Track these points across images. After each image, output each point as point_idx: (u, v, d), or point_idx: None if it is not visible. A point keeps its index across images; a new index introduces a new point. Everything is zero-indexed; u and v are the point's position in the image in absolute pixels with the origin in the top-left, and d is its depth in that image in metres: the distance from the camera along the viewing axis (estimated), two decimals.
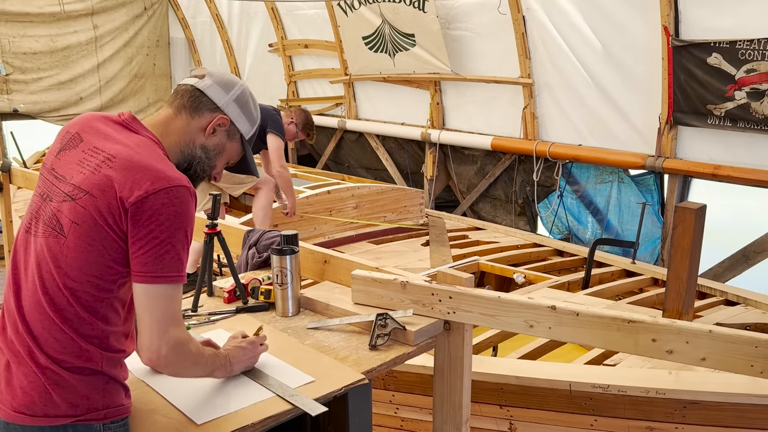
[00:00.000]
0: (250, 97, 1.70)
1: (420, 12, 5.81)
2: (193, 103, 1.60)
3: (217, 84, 1.63)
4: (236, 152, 1.71)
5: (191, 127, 1.61)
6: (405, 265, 4.37)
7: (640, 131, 5.03)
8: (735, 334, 1.66)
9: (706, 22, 4.40)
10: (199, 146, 1.62)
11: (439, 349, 2.04)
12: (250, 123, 1.70)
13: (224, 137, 1.65)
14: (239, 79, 1.72)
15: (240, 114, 1.66)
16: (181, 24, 9.57)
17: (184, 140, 1.60)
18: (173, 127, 1.59)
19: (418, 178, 7.02)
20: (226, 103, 1.63)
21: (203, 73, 1.65)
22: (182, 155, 1.60)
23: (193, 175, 1.63)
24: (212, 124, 1.61)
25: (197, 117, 1.61)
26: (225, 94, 1.63)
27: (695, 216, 2.94)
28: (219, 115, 1.62)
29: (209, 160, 1.65)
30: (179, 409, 1.54)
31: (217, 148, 1.65)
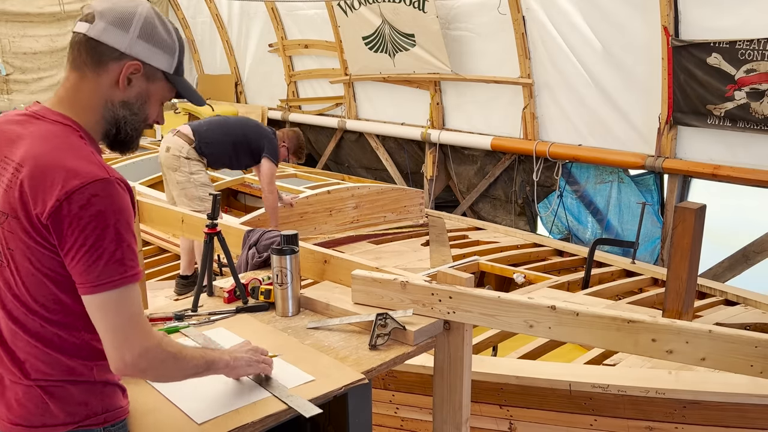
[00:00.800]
0: (157, 22, 1.42)
1: (420, 12, 5.81)
2: (92, 56, 1.36)
3: (112, 25, 1.36)
4: (166, 91, 1.48)
5: (102, 86, 1.38)
6: (405, 265, 4.37)
7: (640, 131, 5.04)
8: (735, 334, 1.66)
9: (706, 22, 4.40)
10: (119, 104, 1.40)
11: (439, 349, 2.04)
12: (168, 54, 1.44)
13: (143, 83, 1.42)
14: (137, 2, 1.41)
15: (151, 50, 1.40)
16: (181, 24, 9.57)
17: (101, 103, 1.39)
18: (83, 94, 1.37)
19: (418, 178, 7.02)
20: (129, 45, 1.37)
21: (91, 13, 1.37)
22: (105, 121, 1.40)
23: (126, 137, 1.44)
24: (123, 75, 1.38)
25: (103, 72, 1.37)
26: (125, 33, 1.37)
27: (695, 216, 2.94)
28: (126, 62, 1.37)
29: (136, 114, 1.43)
30: (179, 408, 1.54)
31: (140, 98, 1.43)
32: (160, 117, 1.51)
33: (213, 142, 4.36)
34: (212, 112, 8.61)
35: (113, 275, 1.28)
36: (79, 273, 1.27)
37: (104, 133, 1.42)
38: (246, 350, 1.66)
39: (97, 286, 1.27)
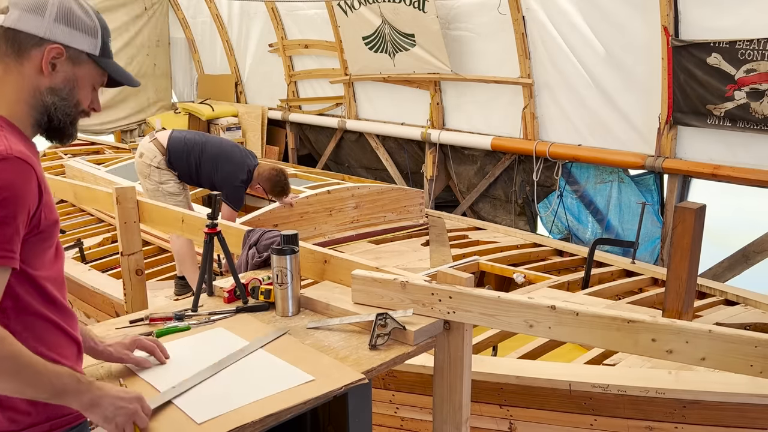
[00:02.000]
0: (73, 4, 1.40)
1: (420, 12, 5.81)
2: (12, 45, 1.34)
3: (25, 12, 1.34)
4: (96, 74, 1.45)
5: (26, 75, 1.36)
6: (405, 265, 4.37)
7: (639, 131, 5.04)
8: (734, 333, 1.66)
9: (706, 22, 4.40)
10: (47, 91, 1.38)
11: (439, 348, 2.04)
12: (90, 35, 1.41)
13: (69, 67, 1.40)
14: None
15: (71, 33, 1.38)
16: (181, 24, 9.58)
17: (28, 93, 1.37)
18: (7, 83, 1.35)
19: (418, 178, 7.02)
20: (47, 29, 1.35)
21: (5, 4, 1.35)
22: (36, 111, 1.38)
23: (59, 124, 1.41)
24: (45, 60, 1.35)
25: (25, 60, 1.35)
26: (41, 18, 1.35)
27: (695, 216, 2.94)
28: (47, 46, 1.35)
29: (66, 100, 1.40)
30: (179, 408, 1.54)
31: (67, 83, 1.40)
32: (96, 103, 1.48)
33: (180, 164, 4.23)
34: (212, 112, 8.65)
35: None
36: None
37: (36, 123, 1.39)
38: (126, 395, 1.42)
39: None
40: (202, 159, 4.28)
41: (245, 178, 4.36)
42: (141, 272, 3.40)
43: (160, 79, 9.75)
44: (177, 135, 4.34)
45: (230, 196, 4.26)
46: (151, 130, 8.43)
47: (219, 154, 4.32)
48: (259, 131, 8.52)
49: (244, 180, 4.36)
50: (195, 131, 4.66)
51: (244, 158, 4.41)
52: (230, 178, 4.29)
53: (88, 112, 1.48)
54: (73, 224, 5.84)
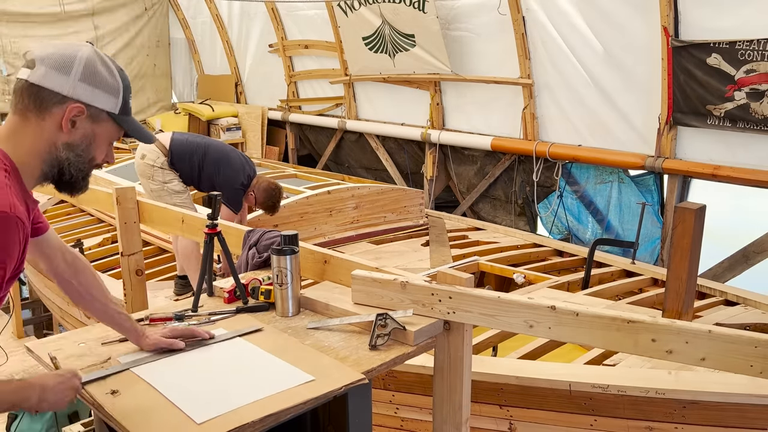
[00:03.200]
0: (99, 64, 1.41)
1: (420, 12, 5.81)
2: (35, 101, 1.36)
3: (52, 69, 1.36)
4: (113, 131, 1.48)
5: (45, 130, 1.38)
6: (405, 265, 4.37)
7: (639, 131, 5.04)
8: (734, 334, 1.66)
9: (706, 23, 4.40)
10: (63, 146, 1.40)
11: (439, 349, 2.04)
12: (112, 94, 1.43)
13: (88, 124, 1.42)
14: (78, 46, 1.41)
15: (94, 92, 1.40)
16: (182, 24, 9.58)
17: (44, 147, 1.39)
18: (24, 135, 1.37)
19: (418, 179, 7.02)
20: (71, 88, 1.37)
21: (32, 59, 1.37)
22: (46, 164, 1.41)
23: (71, 178, 1.44)
24: (66, 118, 1.38)
25: (47, 116, 1.37)
26: (65, 77, 1.37)
27: (695, 216, 2.94)
28: (69, 104, 1.38)
29: (81, 156, 1.43)
30: (179, 408, 1.54)
31: (85, 139, 1.43)
32: (110, 156, 1.51)
33: (182, 166, 4.30)
34: (212, 112, 8.65)
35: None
36: None
37: (43, 175, 1.42)
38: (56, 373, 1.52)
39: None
40: (204, 161, 4.35)
41: (245, 182, 4.42)
42: (141, 272, 3.41)
43: (160, 80, 9.75)
44: (179, 137, 4.40)
45: (230, 199, 4.31)
46: (152, 130, 8.43)
47: (221, 158, 4.39)
48: (259, 131, 8.52)
49: (243, 184, 4.42)
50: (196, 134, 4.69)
51: (244, 164, 4.49)
52: (231, 181, 4.34)
53: (101, 165, 1.52)
54: (73, 224, 5.84)
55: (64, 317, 4.94)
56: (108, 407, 1.54)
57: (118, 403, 1.55)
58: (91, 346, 1.87)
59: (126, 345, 1.88)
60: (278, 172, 6.41)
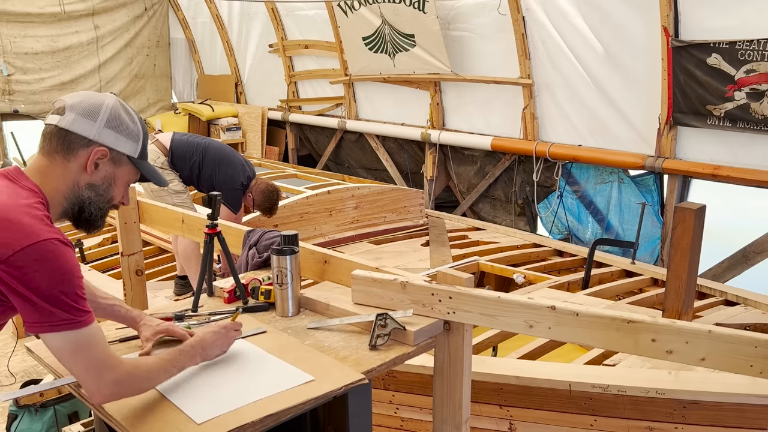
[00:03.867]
0: (122, 112, 1.57)
1: (420, 12, 5.81)
2: (63, 144, 1.50)
3: (81, 115, 1.51)
4: (131, 174, 1.62)
5: (70, 170, 1.51)
6: (405, 265, 4.37)
7: (639, 131, 5.04)
8: (734, 334, 1.66)
9: (706, 23, 4.40)
10: (86, 186, 1.54)
11: (439, 349, 2.04)
12: (133, 139, 1.58)
13: (110, 167, 1.56)
14: (105, 96, 1.58)
15: (117, 137, 1.55)
16: (182, 24, 9.58)
17: (68, 186, 1.52)
18: (52, 175, 1.50)
19: (418, 179, 7.02)
20: (97, 133, 1.52)
21: (62, 106, 1.52)
22: (68, 202, 1.53)
23: (90, 216, 1.57)
24: (91, 160, 1.51)
25: (73, 158, 1.50)
26: (92, 123, 1.51)
27: (695, 216, 2.94)
28: (94, 148, 1.51)
29: (101, 196, 1.57)
30: (179, 408, 1.54)
31: (106, 180, 1.56)
32: (126, 198, 1.65)
33: (183, 166, 4.32)
34: (212, 112, 8.65)
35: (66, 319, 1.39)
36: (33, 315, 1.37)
37: (63, 211, 1.53)
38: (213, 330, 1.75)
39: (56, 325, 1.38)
40: (204, 161, 4.36)
41: (244, 182, 4.43)
42: (141, 272, 3.41)
43: (160, 80, 9.75)
44: (179, 137, 4.41)
45: (230, 199, 4.32)
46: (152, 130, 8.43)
47: (221, 158, 4.40)
48: (259, 132, 8.52)
49: (243, 184, 4.42)
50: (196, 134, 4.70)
51: (244, 165, 4.50)
52: (230, 181, 4.35)
53: (117, 206, 1.66)
54: None
55: None
56: (108, 407, 1.54)
57: (118, 404, 1.55)
58: None
59: (126, 345, 1.88)
60: (278, 172, 6.42)
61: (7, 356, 4.03)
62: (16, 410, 3.16)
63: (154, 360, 1.58)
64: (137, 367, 1.51)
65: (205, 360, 1.71)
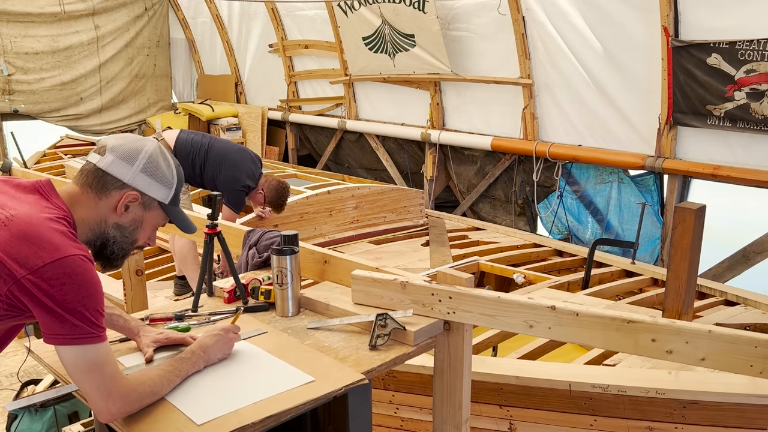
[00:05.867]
0: (160, 159, 1.60)
1: (420, 12, 5.81)
2: (97, 183, 1.54)
3: (119, 158, 1.55)
4: (160, 218, 1.65)
5: (100, 207, 1.54)
6: (405, 265, 4.37)
7: (639, 131, 5.04)
8: (734, 334, 1.66)
9: (706, 23, 4.40)
10: (112, 225, 1.56)
11: (439, 349, 2.04)
12: (166, 187, 1.61)
13: (140, 210, 1.59)
14: (146, 141, 1.62)
15: (151, 183, 1.58)
16: (182, 24, 9.58)
17: (94, 219, 1.54)
18: (81, 204, 1.53)
19: (418, 179, 7.02)
20: (132, 177, 1.55)
21: (104, 146, 1.56)
22: (93, 234, 1.55)
23: (111, 254, 1.59)
24: (122, 202, 1.55)
25: (105, 197, 1.54)
26: (129, 167, 1.55)
27: (695, 216, 2.94)
28: (127, 191, 1.55)
29: (126, 237, 1.59)
30: (179, 409, 1.54)
31: (134, 223, 1.59)
32: (152, 240, 1.68)
33: (185, 166, 4.28)
34: (212, 112, 8.65)
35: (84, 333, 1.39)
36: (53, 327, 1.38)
37: (87, 241, 1.54)
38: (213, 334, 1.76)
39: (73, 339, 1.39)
40: (206, 161, 4.32)
41: (248, 183, 4.38)
42: (141, 272, 3.40)
43: (160, 80, 9.75)
44: (184, 137, 4.37)
45: (231, 200, 4.30)
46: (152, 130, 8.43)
47: (223, 158, 4.35)
48: (259, 132, 8.52)
49: (246, 185, 4.38)
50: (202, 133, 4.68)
51: (250, 165, 4.43)
52: (231, 183, 4.31)
53: (143, 247, 1.68)
54: None
55: None
56: None
57: None
58: None
59: (126, 345, 1.88)
60: (278, 172, 6.42)
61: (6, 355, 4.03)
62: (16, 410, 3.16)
63: (158, 372, 1.58)
64: (142, 383, 1.51)
65: (209, 364, 1.72)
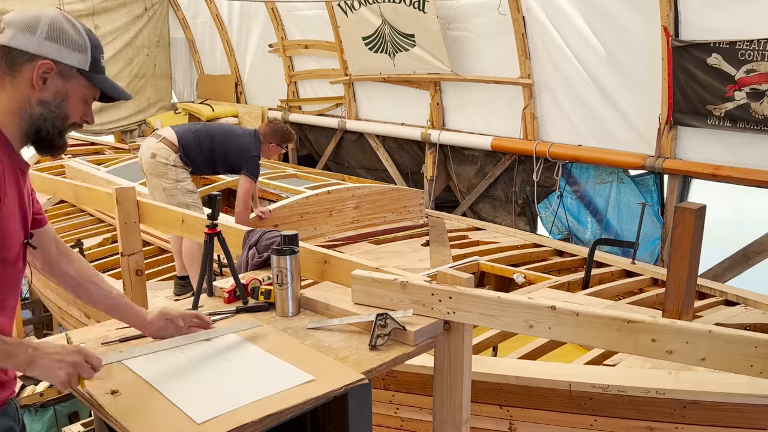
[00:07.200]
0: (65, 23, 1.50)
1: (420, 12, 5.81)
2: (5, 62, 1.45)
3: (18, 30, 1.45)
4: (85, 88, 1.54)
5: (17, 88, 1.46)
6: (405, 265, 4.37)
7: (639, 131, 5.04)
8: (735, 334, 1.66)
9: (706, 23, 4.40)
10: (37, 103, 1.47)
11: (439, 349, 2.04)
12: (79, 51, 1.50)
13: (59, 81, 1.49)
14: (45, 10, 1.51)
15: (60, 49, 1.48)
16: (182, 24, 9.58)
17: (18, 105, 1.46)
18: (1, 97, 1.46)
19: (418, 179, 7.02)
20: (38, 46, 1.45)
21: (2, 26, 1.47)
22: (23, 121, 1.48)
23: (47, 135, 1.50)
24: (36, 74, 1.45)
25: (18, 74, 1.45)
26: (32, 36, 1.45)
27: (695, 216, 2.94)
28: (38, 61, 1.45)
29: (55, 112, 1.50)
30: (179, 408, 1.54)
31: (58, 95, 1.50)
32: (89, 116, 1.57)
33: (196, 155, 4.41)
34: (212, 112, 8.65)
35: None
36: None
37: (24, 134, 1.48)
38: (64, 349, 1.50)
39: None
40: (214, 144, 4.47)
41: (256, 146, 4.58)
42: (141, 272, 3.40)
43: (160, 80, 9.75)
44: (183, 130, 4.50)
45: (251, 169, 4.49)
46: (152, 130, 8.43)
47: (228, 134, 4.55)
48: None
49: (257, 152, 4.57)
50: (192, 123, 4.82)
51: (246, 131, 4.66)
52: (245, 152, 4.49)
53: (81, 124, 1.57)
54: (73, 224, 5.84)
55: (64, 317, 4.94)
56: (108, 407, 1.54)
57: (118, 403, 1.55)
58: (91, 346, 1.86)
59: (127, 345, 1.88)
60: (278, 172, 6.41)
61: None
62: None
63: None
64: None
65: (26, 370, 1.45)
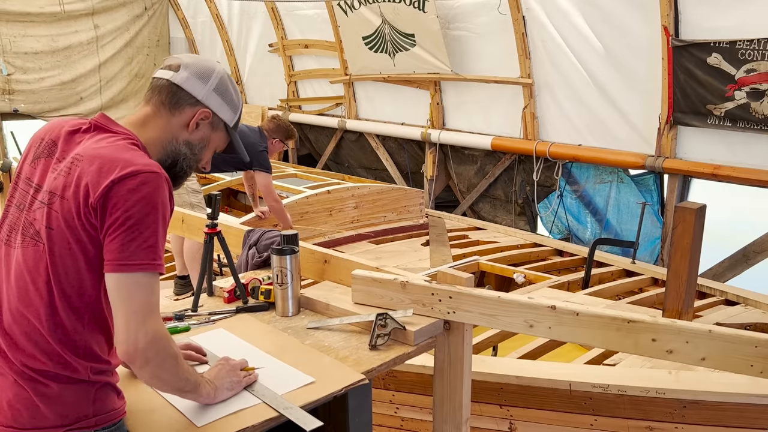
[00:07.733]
0: (229, 83, 1.65)
1: (420, 12, 5.81)
2: (171, 99, 1.55)
3: (193, 76, 1.57)
4: (222, 141, 1.67)
5: (172, 124, 1.56)
6: (405, 265, 4.37)
7: (639, 131, 5.04)
8: (735, 333, 1.66)
9: (706, 22, 4.40)
10: (183, 142, 1.58)
11: (439, 349, 2.04)
12: (233, 110, 1.65)
13: (208, 129, 1.61)
14: (215, 63, 1.66)
15: (221, 104, 1.61)
16: (182, 24, 9.58)
17: (166, 137, 1.56)
18: (153, 124, 1.54)
19: (418, 178, 7.02)
20: (205, 95, 1.58)
21: (178, 64, 1.58)
22: (165, 152, 1.56)
23: (179, 171, 1.60)
24: (195, 119, 1.57)
25: (178, 113, 1.56)
26: (203, 85, 1.58)
27: (695, 216, 2.94)
28: (200, 108, 1.57)
29: (195, 155, 1.62)
30: (180, 411, 1.54)
31: (202, 141, 1.62)
32: (208, 164, 1.69)
33: None
34: None
35: (144, 258, 1.35)
36: (111, 250, 1.34)
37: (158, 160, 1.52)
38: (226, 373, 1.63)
39: (125, 265, 1.33)
40: None
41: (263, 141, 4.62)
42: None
43: None
44: None
45: (262, 163, 4.53)
46: None
47: None
48: None
49: (264, 145, 4.62)
50: None
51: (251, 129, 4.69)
52: (254, 148, 4.51)
53: (201, 170, 1.70)
54: None
55: None
56: None
57: None
58: None
59: None
60: (278, 172, 6.41)
61: None
62: None
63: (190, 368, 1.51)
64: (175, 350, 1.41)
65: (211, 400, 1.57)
